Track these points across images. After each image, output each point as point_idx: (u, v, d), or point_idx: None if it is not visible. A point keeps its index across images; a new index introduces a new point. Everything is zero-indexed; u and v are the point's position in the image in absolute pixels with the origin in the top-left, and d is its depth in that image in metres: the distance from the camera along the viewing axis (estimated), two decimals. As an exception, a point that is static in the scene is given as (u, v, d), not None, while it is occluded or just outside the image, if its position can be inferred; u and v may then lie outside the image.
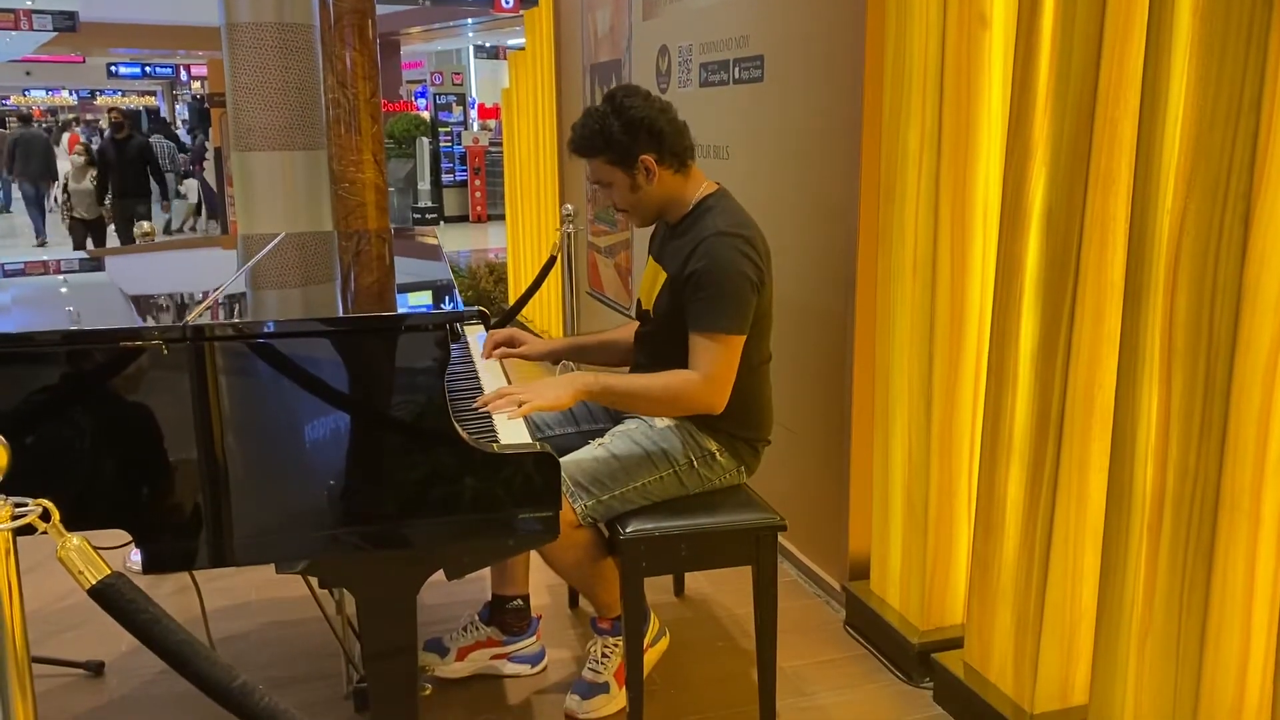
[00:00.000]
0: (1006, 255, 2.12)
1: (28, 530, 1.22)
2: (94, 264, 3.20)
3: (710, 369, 2.12)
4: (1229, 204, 1.62)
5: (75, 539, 1.18)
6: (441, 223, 14.15)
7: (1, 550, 1.13)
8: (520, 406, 2.01)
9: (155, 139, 14.06)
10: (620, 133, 2.18)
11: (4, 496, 1.17)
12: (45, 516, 1.18)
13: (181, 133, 17.87)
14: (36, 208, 13.35)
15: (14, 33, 19.18)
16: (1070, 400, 2.00)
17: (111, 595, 1.16)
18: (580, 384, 2.11)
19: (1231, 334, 1.64)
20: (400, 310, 2.00)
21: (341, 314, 1.96)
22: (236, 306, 2.05)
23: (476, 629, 2.56)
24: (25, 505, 1.17)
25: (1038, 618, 2.13)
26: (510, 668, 2.56)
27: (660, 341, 2.31)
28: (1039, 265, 2.05)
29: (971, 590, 2.32)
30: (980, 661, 2.31)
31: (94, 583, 1.16)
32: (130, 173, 9.75)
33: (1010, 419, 2.14)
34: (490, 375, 2.37)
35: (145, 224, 3.53)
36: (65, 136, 15.39)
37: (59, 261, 3.20)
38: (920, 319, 2.44)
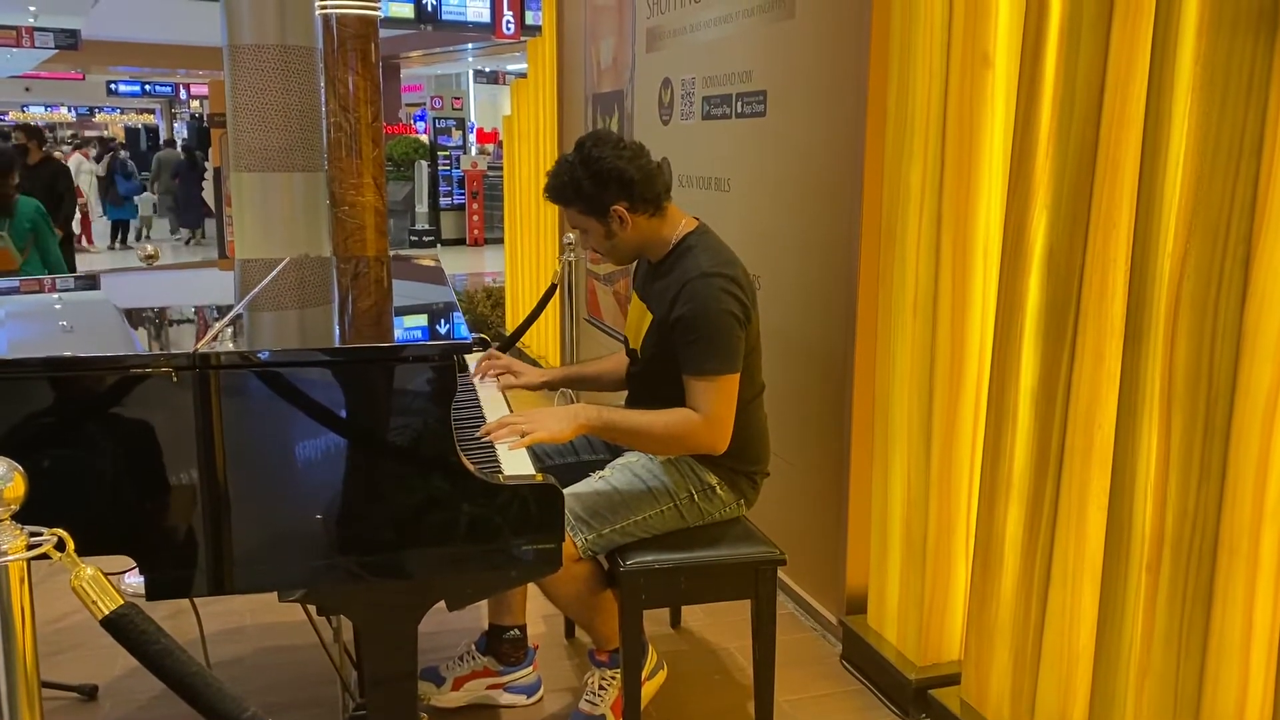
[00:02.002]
0: (1007, 294, 2.14)
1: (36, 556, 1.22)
2: (90, 284, 3.21)
3: (711, 409, 2.13)
4: (1229, 247, 1.64)
5: (89, 569, 1.19)
6: (438, 245, 14.19)
7: (16, 578, 1.13)
8: (523, 437, 2.02)
9: (123, 155, 14.64)
10: (589, 184, 2.19)
11: (19, 525, 1.17)
12: (60, 546, 1.18)
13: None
14: None
15: (15, 49, 19.26)
16: (1070, 439, 2.01)
17: (124, 626, 1.16)
18: (583, 418, 2.12)
19: (1231, 377, 1.65)
20: (412, 341, 2.01)
21: (357, 345, 1.96)
22: (248, 334, 2.06)
23: (473, 658, 2.56)
24: (40, 534, 1.18)
25: (1035, 655, 2.13)
26: (506, 698, 2.55)
27: (649, 382, 2.33)
28: (1040, 305, 2.07)
29: (969, 627, 2.33)
30: (977, 698, 2.31)
31: (107, 613, 1.17)
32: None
33: (1010, 456, 2.16)
34: (492, 404, 2.38)
35: (149, 245, 3.53)
36: (76, 155, 15.73)
37: (54, 280, 3.20)
38: (920, 355, 2.46)
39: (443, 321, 2.19)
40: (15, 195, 5.05)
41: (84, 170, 14.76)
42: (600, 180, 2.19)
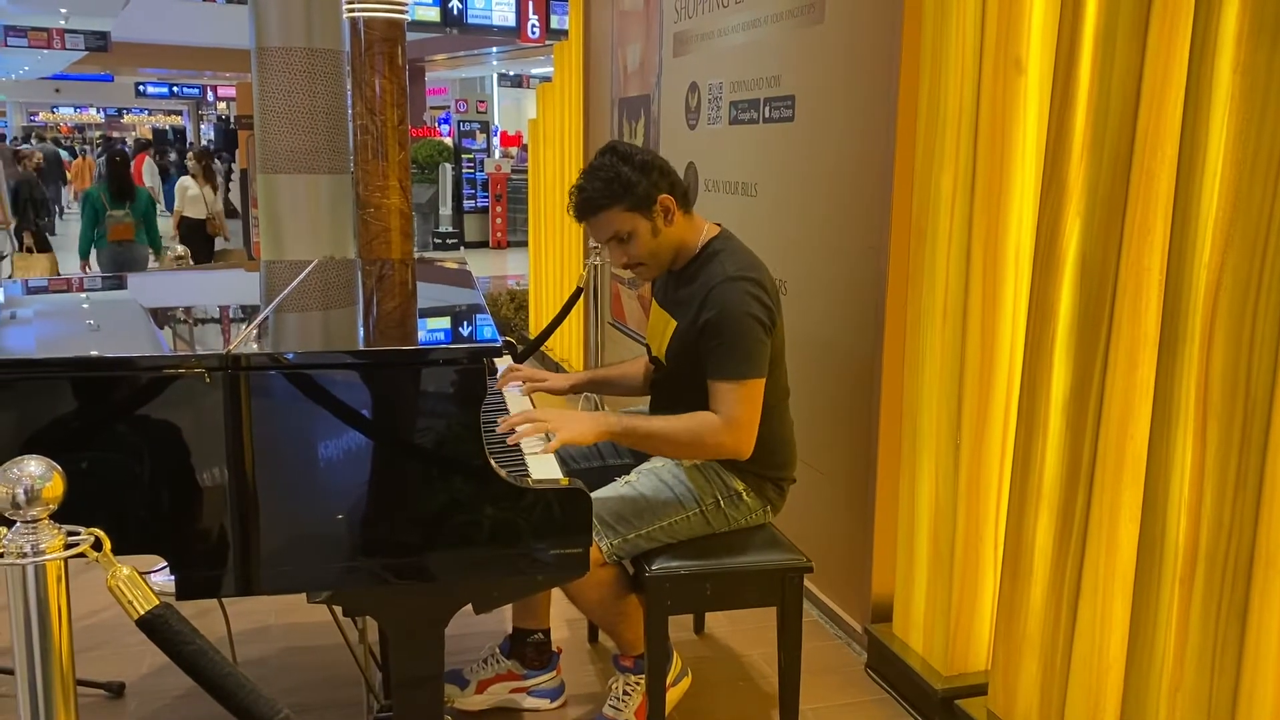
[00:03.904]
0: (1039, 302, 2.13)
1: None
2: (117, 283, 3.23)
3: (734, 413, 2.12)
4: (1268, 258, 1.62)
5: (125, 569, 1.19)
6: (462, 248, 14.24)
7: (54, 577, 1.14)
8: (549, 440, 2.02)
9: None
10: (635, 174, 2.17)
11: (57, 525, 1.18)
12: (97, 545, 1.19)
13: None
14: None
15: (46, 51, 19.49)
16: (1102, 449, 1.99)
17: (159, 626, 1.16)
18: (605, 424, 2.13)
19: (1270, 387, 1.63)
20: (443, 343, 2.01)
21: (391, 347, 1.97)
22: (282, 336, 2.06)
23: (497, 662, 2.56)
24: (78, 534, 1.19)
25: (1064, 667, 2.11)
26: (530, 702, 2.55)
27: (676, 389, 2.32)
28: (1072, 313, 2.05)
29: (997, 637, 2.31)
30: (1004, 710, 2.29)
31: (142, 613, 1.17)
32: None
33: (1040, 465, 2.14)
34: (517, 407, 2.38)
35: (179, 247, 3.56)
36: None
37: (82, 280, 3.23)
38: (950, 362, 2.44)
39: (473, 324, 2.19)
40: (134, 183, 6.84)
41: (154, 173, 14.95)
42: (646, 170, 2.18)
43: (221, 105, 28.91)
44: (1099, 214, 1.97)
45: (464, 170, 14.80)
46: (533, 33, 13.36)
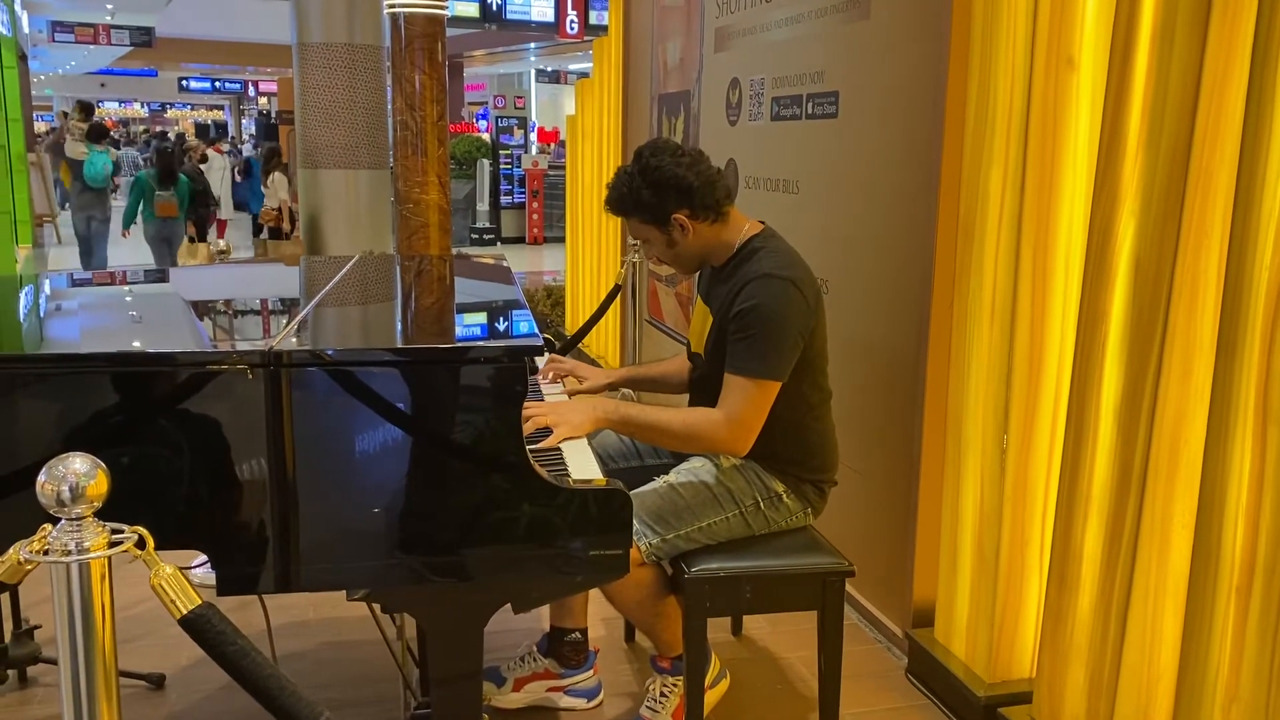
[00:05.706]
0: (1090, 304, 2.08)
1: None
2: (159, 277, 3.25)
3: (737, 410, 2.10)
4: (1333, 261, 1.57)
5: (169, 567, 1.19)
6: (498, 243, 14.28)
7: (98, 574, 1.14)
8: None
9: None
10: (649, 194, 2.18)
11: (101, 523, 1.18)
12: (140, 544, 1.19)
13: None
14: None
15: (92, 46, 19.79)
16: (1155, 454, 1.94)
17: (202, 625, 1.16)
18: (600, 412, 2.13)
19: (1333, 395, 1.58)
20: (485, 341, 2.00)
21: (436, 344, 1.95)
22: (326, 332, 2.06)
23: (534, 660, 2.55)
24: (121, 531, 1.18)
25: (1113, 676, 2.06)
26: (566, 701, 2.54)
27: (713, 384, 2.29)
28: (1125, 316, 2.00)
29: (1043, 644, 2.26)
30: (1050, 718, 2.25)
31: (185, 612, 1.17)
32: None
33: (1090, 471, 2.09)
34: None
35: (221, 241, 3.59)
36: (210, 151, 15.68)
37: (124, 272, 3.25)
38: (997, 363, 2.39)
39: (515, 322, 2.18)
40: (176, 170, 8.36)
41: (216, 167, 14.47)
42: (660, 189, 2.18)
43: (263, 100, 29.21)
44: (1154, 214, 1.92)
45: (501, 166, 14.84)
46: (571, 28, 13.36)
